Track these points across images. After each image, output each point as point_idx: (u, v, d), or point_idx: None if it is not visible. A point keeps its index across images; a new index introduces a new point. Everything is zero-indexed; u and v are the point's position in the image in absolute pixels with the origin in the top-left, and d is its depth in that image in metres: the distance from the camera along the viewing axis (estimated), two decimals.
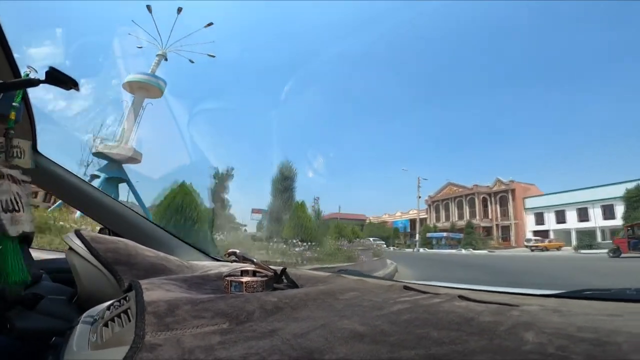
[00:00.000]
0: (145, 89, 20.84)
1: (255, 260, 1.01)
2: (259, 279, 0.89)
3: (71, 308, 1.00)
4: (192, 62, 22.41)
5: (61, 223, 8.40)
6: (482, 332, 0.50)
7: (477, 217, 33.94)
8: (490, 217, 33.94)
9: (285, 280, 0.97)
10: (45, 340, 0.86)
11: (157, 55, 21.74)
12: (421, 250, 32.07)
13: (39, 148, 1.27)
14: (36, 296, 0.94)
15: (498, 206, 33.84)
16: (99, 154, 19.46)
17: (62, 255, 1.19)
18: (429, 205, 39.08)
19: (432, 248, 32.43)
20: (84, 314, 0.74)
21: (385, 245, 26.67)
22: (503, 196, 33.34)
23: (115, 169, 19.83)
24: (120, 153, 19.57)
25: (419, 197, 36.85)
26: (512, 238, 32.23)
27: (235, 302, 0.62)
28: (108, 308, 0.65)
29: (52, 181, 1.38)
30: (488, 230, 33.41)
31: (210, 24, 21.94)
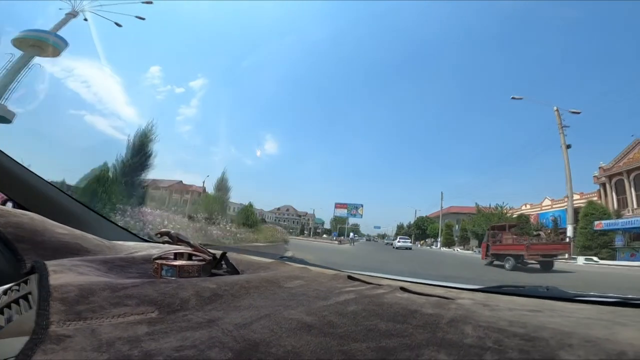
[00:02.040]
0: (39, 47, 18.44)
1: (191, 242, 0.94)
2: (196, 263, 0.84)
3: None
4: (119, 25, 20.06)
5: None
6: (426, 324, 0.51)
7: None
8: None
9: (224, 266, 0.92)
10: None
11: (67, 14, 19.46)
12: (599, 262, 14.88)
13: None
14: None
15: None
16: None
17: None
18: (605, 183, 20.97)
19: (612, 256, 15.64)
20: None
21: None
22: None
23: None
24: None
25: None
26: None
27: (166, 289, 0.57)
28: (5, 292, 0.56)
29: None
30: None
31: None
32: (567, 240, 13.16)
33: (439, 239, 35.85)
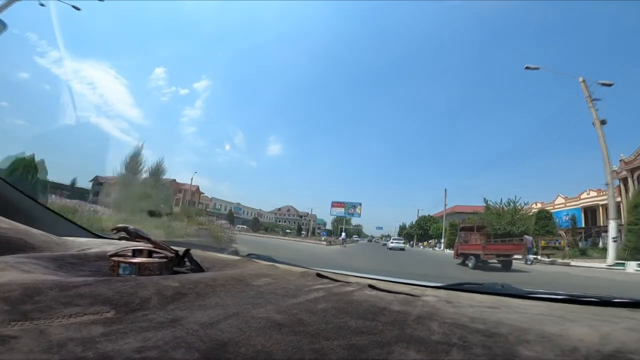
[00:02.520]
0: None
1: (152, 238, 0.88)
2: (157, 260, 0.79)
3: None
4: (78, 9, 18.09)
5: None
6: (394, 322, 0.53)
7: None
8: None
9: (188, 263, 0.88)
10: None
11: None
12: None
13: None
14: None
15: None
16: None
17: None
18: (626, 177, 18.89)
19: None
20: None
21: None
22: None
23: None
24: None
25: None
26: None
27: (123, 287, 0.54)
28: None
29: None
30: None
31: None
32: (523, 240, 12.87)
33: (442, 240, 32.72)
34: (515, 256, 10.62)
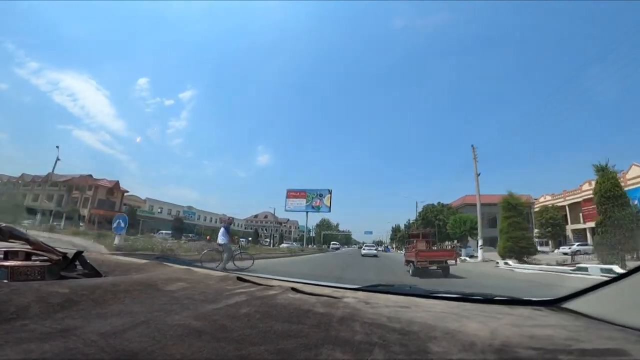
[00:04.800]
0: None
1: (30, 238, 0.75)
2: (37, 263, 0.68)
3: None
4: None
5: None
6: (319, 324, 0.54)
7: None
8: None
9: (80, 267, 0.76)
10: None
11: None
12: None
13: None
14: None
15: None
16: None
17: None
18: None
19: None
20: None
21: None
22: None
23: None
24: None
25: None
26: None
27: None
28: None
29: None
30: None
31: None
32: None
33: (478, 241, 20.70)
34: (449, 262, 10.83)
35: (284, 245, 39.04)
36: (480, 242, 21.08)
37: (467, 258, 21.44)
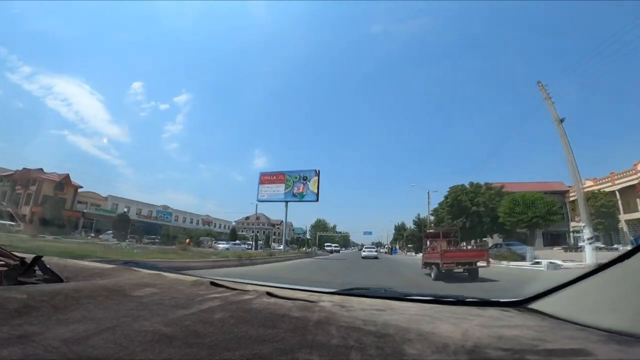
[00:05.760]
0: None
1: None
2: None
3: None
4: None
5: None
6: (295, 328, 0.54)
7: None
8: None
9: (40, 272, 0.72)
10: None
11: None
12: None
13: None
14: None
15: None
16: None
17: None
18: None
19: None
20: None
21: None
22: None
23: None
24: None
25: None
26: None
27: None
28: None
29: None
30: None
31: None
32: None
33: (583, 232, 13.31)
34: (479, 263, 9.13)
35: (222, 245, 30.55)
36: (587, 234, 12.92)
37: (531, 263, 14.01)
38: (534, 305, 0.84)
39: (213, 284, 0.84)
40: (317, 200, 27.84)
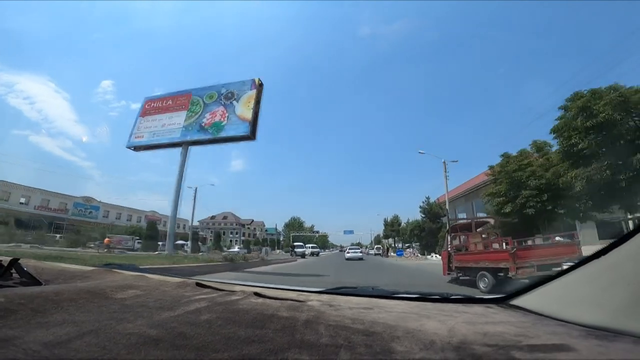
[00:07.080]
0: None
1: None
2: None
3: None
4: None
5: None
6: (284, 328, 0.54)
7: None
8: None
9: (17, 275, 0.70)
10: None
11: None
12: None
13: None
14: None
15: None
16: None
17: None
18: None
19: None
20: None
21: None
22: None
23: None
24: None
25: None
26: None
27: None
28: None
29: None
30: None
31: None
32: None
33: None
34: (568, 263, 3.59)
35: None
36: None
37: None
38: (516, 302, 0.86)
39: (199, 285, 0.83)
40: (252, 136, 15.12)
